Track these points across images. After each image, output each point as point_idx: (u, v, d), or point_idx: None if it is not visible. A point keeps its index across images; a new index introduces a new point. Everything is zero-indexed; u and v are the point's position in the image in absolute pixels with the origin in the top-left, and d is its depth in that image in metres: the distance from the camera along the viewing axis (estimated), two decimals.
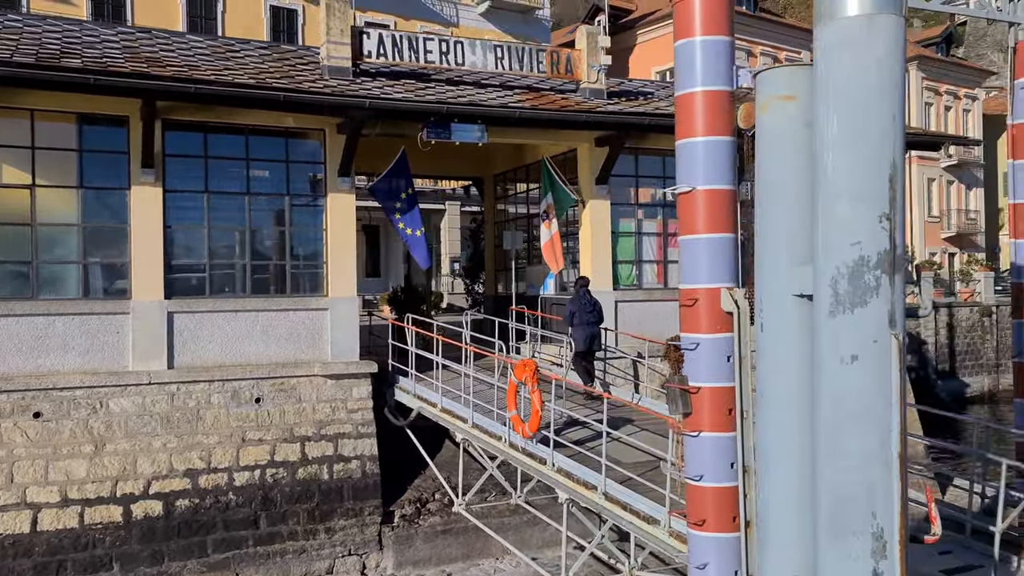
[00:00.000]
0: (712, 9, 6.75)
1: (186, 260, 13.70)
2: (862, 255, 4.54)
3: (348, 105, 13.18)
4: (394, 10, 37.20)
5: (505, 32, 40.15)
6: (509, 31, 40.14)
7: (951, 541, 7.90)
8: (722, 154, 6.75)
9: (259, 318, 13.89)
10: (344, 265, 14.42)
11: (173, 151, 13.46)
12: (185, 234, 13.70)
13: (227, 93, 12.34)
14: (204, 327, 13.56)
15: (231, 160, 13.87)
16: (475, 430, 12.01)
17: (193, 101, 12.42)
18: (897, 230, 4.58)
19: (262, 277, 14.18)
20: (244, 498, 13.29)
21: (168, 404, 13.12)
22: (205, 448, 13.23)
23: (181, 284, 13.60)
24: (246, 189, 13.98)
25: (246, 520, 13.23)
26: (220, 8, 33.36)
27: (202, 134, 13.66)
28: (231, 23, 32.77)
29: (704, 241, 6.73)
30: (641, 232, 17.06)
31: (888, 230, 4.55)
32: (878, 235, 4.54)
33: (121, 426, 12.82)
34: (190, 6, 32.56)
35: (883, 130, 4.54)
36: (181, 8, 32.48)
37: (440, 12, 38.80)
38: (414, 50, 15.17)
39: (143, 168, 13.04)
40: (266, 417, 13.67)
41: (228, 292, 13.92)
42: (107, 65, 12.05)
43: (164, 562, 12.67)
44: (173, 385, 13.18)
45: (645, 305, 16.73)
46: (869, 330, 4.54)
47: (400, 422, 14.19)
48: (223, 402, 13.44)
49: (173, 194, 13.48)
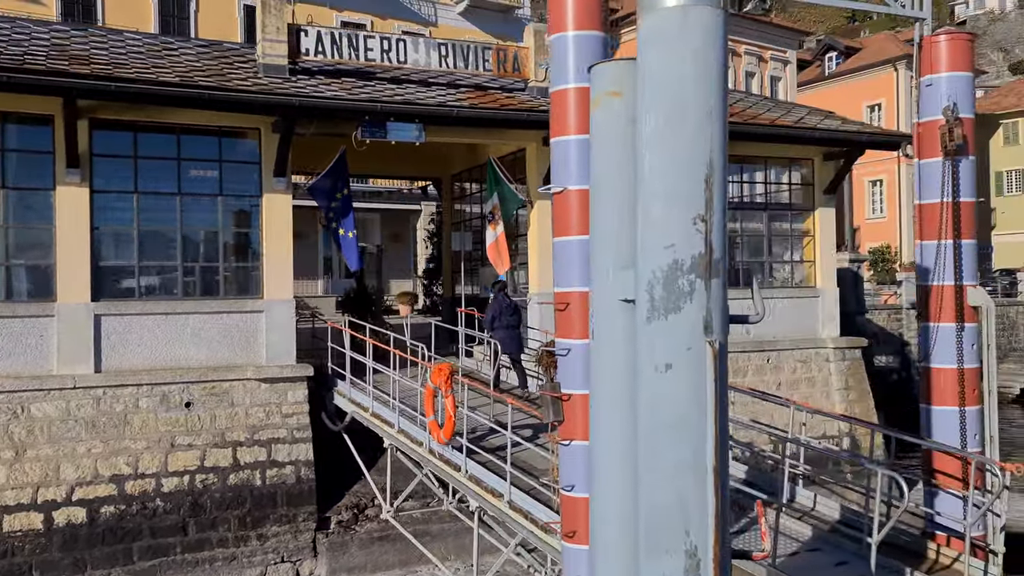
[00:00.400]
0: (586, 3, 6.51)
1: (115, 262, 13.45)
2: (676, 259, 4.30)
3: (274, 104, 12.95)
4: (371, 10, 36.92)
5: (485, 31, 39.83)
6: (489, 31, 39.82)
7: (848, 552, 7.64)
8: None
9: (190, 320, 13.64)
10: (280, 266, 14.17)
11: (101, 151, 13.21)
12: (114, 235, 13.45)
13: (147, 91, 12.11)
14: (133, 330, 13.31)
15: (162, 160, 13.61)
16: (400, 435, 11.78)
17: (113, 99, 12.19)
18: (714, 232, 4.33)
19: (194, 279, 13.93)
20: (172, 504, 13.04)
21: (94, 409, 12.87)
22: (132, 453, 12.98)
23: (110, 286, 13.36)
24: (178, 189, 13.73)
25: (174, 527, 12.99)
26: (193, 8, 33.13)
27: (132, 133, 13.41)
28: (204, 23, 32.51)
29: (577, 243, 6.47)
30: None
31: (703, 232, 4.31)
32: (692, 238, 4.30)
33: (44, 431, 12.56)
34: (162, 6, 32.34)
35: (699, 126, 4.30)
36: (153, 8, 32.26)
37: (419, 11, 38.53)
38: (354, 47, 14.92)
39: (68, 168, 12.79)
40: (196, 422, 13.41)
41: (159, 294, 13.67)
42: (24, 63, 11.80)
43: (87, 570, 12.42)
44: (99, 389, 12.93)
45: None
46: (683, 337, 4.30)
47: (336, 427, 13.94)
48: (152, 406, 13.18)
49: (101, 194, 13.23)
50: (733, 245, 18.11)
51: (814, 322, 18.72)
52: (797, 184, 19.06)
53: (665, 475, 4.33)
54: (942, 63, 8.71)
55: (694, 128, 4.30)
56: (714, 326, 4.31)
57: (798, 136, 17.22)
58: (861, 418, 18.58)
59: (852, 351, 18.98)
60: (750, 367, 17.84)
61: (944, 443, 8.44)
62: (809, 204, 18.92)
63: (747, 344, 17.77)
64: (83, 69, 11.99)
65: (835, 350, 18.71)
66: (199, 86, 12.51)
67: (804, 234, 19.02)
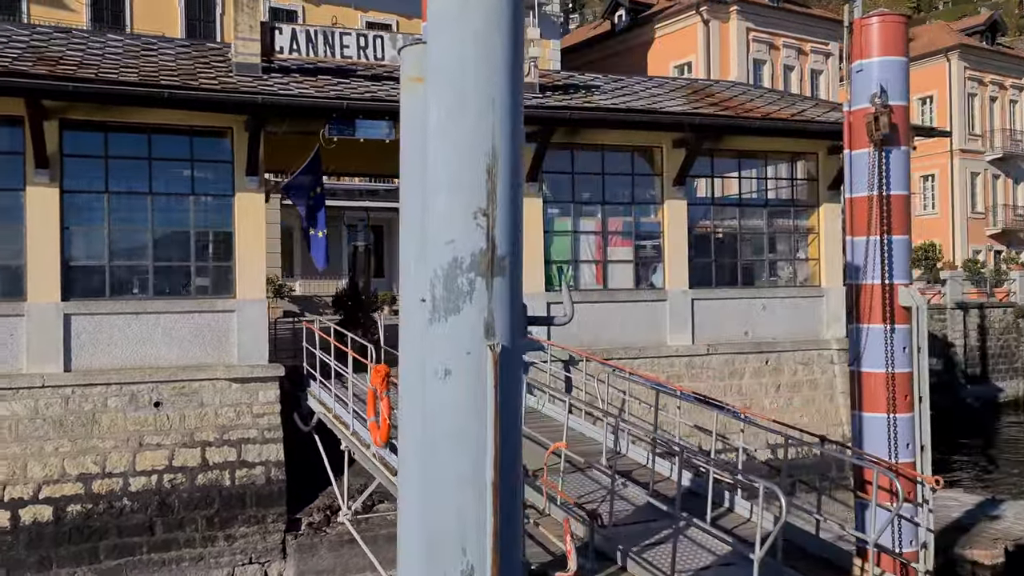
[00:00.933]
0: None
1: (86, 261, 13.51)
2: (456, 256, 4.00)
3: (236, 102, 12.86)
4: (397, 9, 36.87)
5: None
6: None
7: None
8: None
9: (161, 320, 13.64)
10: (253, 266, 14.11)
11: (71, 151, 13.28)
12: (85, 235, 13.51)
13: (105, 91, 12.12)
14: (103, 329, 13.35)
15: (134, 160, 13.64)
16: (354, 437, 11.57)
17: (72, 99, 12.23)
18: (498, 228, 4.01)
19: (165, 279, 13.93)
20: (140, 504, 13.04)
21: (62, 408, 12.94)
22: (100, 452, 13.02)
23: (81, 286, 13.42)
24: (149, 189, 13.75)
25: (141, 526, 12.99)
26: (219, 12, 33.52)
27: (102, 133, 13.46)
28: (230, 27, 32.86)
29: None
30: (578, 231, 16.40)
31: (485, 228, 4.00)
32: (473, 233, 3.99)
33: (11, 430, 12.67)
34: (188, 11, 32.79)
35: (480, 114, 3.99)
36: (179, 13, 32.71)
37: None
38: (329, 45, 14.79)
39: (37, 168, 12.89)
40: (165, 421, 13.41)
41: (130, 294, 13.71)
42: None
43: (52, 568, 12.49)
44: (68, 388, 13.00)
45: (581, 308, 16.06)
46: (463, 341, 4.00)
47: (305, 427, 13.80)
48: (120, 406, 13.21)
49: (71, 194, 13.31)
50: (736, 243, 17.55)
51: (817, 323, 18.04)
52: (802, 179, 18.40)
53: (444, 489, 4.03)
54: (873, 47, 8.14)
55: (475, 116, 3.99)
56: (497, 329, 3.98)
57: (794, 129, 16.58)
58: None
59: None
60: (747, 369, 17.26)
61: (870, 453, 7.89)
62: (814, 200, 18.23)
63: (745, 345, 17.21)
64: (43, 70, 12.04)
65: (840, 352, 17.98)
66: (160, 85, 12.48)
67: (808, 231, 18.34)
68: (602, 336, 16.07)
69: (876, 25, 8.20)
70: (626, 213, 16.67)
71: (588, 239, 16.44)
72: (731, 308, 17.18)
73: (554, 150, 15.76)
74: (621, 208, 16.64)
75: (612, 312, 16.27)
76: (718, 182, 17.60)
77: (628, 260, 16.65)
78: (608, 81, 18.90)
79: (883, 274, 8.10)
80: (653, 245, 16.85)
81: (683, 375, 16.64)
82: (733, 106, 16.89)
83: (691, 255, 16.86)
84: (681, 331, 16.73)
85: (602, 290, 16.42)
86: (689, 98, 17.63)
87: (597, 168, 16.32)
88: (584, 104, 15.44)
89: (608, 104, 15.89)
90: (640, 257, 16.75)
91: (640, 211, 16.78)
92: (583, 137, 15.88)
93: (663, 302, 16.66)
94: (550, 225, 16.13)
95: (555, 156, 15.92)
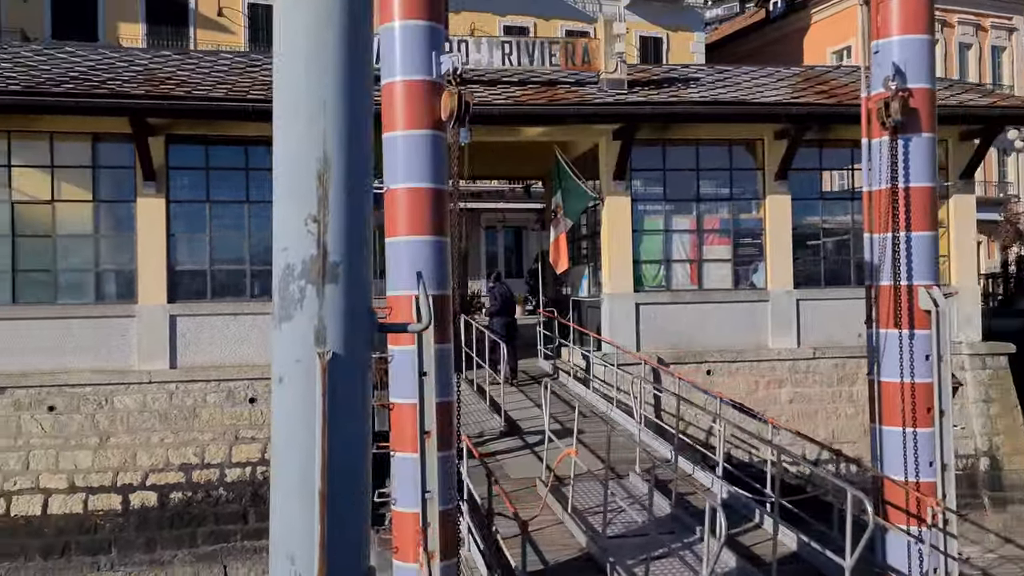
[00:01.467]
0: None
1: (190, 266, 14.51)
2: (288, 263, 4.00)
3: None
4: (533, 12, 37.11)
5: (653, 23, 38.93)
6: (658, 22, 38.88)
7: None
8: (424, 149, 6.17)
9: (257, 321, 14.42)
10: None
11: (175, 164, 14.33)
12: (188, 241, 14.52)
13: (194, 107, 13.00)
14: (204, 329, 14.31)
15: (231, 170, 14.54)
16: None
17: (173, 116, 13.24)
18: (330, 234, 3.98)
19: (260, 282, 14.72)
20: (235, 494, 13.88)
21: (167, 402, 13.99)
22: (200, 444, 13.97)
23: (184, 288, 14.44)
24: (246, 197, 14.59)
25: (235, 515, 13.82)
26: None
27: (203, 147, 14.44)
28: None
29: (404, 244, 6.18)
30: (670, 230, 15.87)
31: (316, 234, 3.97)
32: (304, 240, 3.97)
33: (123, 421, 13.83)
34: None
35: (311, 116, 3.98)
36: None
37: (582, 9, 38.18)
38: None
39: (145, 181, 14.00)
40: (259, 416, 14.18)
41: (229, 296, 14.59)
42: (91, 89, 13.06)
43: (157, 550, 13.53)
44: (172, 384, 14.04)
45: (671, 308, 15.56)
46: (294, 348, 4.00)
47: None
48: (218, 401, 14.12)
49: (176, 204, 14.35)
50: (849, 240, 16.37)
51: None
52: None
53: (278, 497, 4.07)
54: (893, 25, 7.27)
55: (306, 120, 3.99)
56: (328, 336, 3.95)
57: None
58: (1005, 433, 16.29)
59: (995, 358, 16.55)
60: (860, 375, 16.03)
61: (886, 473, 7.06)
62: (943, 192, 16.71)
63: (857, 349, 15.99)
64: (143, 90, 13.05)
65: (972, 357, 16.41)
66: (246, 100, 13.22)
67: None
68: (696, 338, 15.49)
69: (896, 1, 7.35)
70: (724, 210, 15.97)
71: (682, 237, 15.88)
72: (842, 309, 16.02)
73: (644, 146, 15.36)
74: (718, 205, 15.97)
75: (707, 313, 15.63)
76: (826, 175, 16.50)
77: (726, 259, 15.95)
78: (712, 72, 18.15)
79: (894, 274, 7.25)
80: (754, 243, 16.05)
81: (786, 379, 15.75)
82: (843, 93, 15.77)
83: (796, 253, 15.92)
84: (785, 333, 15.83)
85: (696, 290, 15.81)
86: (796, 86, 16.64)
87: (692, 164, 15.73)
88: (669, 99, 14.92)
89: (697, 97, 15.27)
90: (739, 256, 16.00)
91: (740, 207, 16.02)
92: (674, 132, 15.36)
93: (764, 303, 15.83)
94: (639, 224, 15.71)
95: (646, 152, 15.52)
